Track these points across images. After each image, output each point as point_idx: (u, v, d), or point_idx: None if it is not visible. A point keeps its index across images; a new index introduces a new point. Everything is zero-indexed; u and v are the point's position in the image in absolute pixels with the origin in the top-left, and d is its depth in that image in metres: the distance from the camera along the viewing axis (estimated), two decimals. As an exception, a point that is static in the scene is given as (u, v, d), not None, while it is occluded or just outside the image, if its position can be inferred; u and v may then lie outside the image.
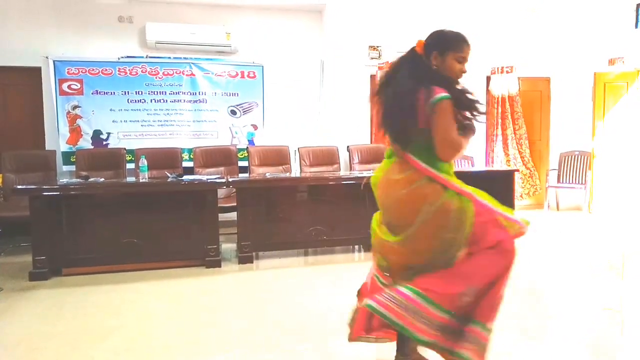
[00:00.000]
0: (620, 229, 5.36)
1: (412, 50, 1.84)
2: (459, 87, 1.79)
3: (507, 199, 4.68)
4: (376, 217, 1.96)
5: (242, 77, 5.81)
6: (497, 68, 6.33)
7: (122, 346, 2.43)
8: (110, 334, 2.57)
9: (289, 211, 4.18)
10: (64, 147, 5.34)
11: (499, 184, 4.68)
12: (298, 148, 5.55)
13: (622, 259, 4.22)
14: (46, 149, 5.34)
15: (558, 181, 6.48)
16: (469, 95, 1.77)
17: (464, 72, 1.80)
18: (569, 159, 6.46)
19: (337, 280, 3.62)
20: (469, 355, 1.66)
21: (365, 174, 4.55)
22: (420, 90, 1.69)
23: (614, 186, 6.24)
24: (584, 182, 6.27)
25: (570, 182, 6.38)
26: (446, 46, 1.77)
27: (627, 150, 6.20)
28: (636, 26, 6.03)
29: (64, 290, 3.40)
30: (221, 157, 5.38)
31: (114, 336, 2.55)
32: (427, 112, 1.68)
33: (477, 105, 1.78)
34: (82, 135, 5.40)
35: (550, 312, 2.95)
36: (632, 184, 6.17)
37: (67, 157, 5.32)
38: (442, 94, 1.67)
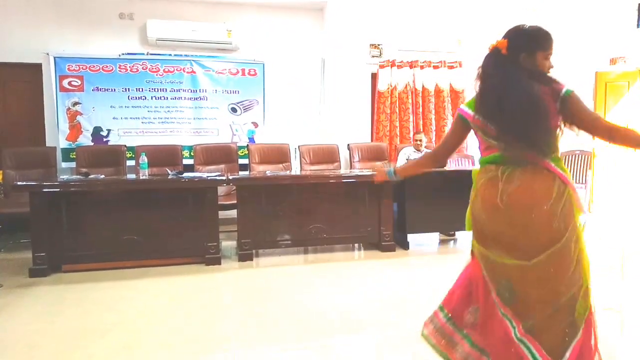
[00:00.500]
0: (620, 229, 5.36)
1: (498, 51, 1.69)
2: None
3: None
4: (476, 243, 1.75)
5: (243, 74, 5.80)
6: (499, 67, 6.30)
7: (121, 343, 2.43)
8: (110, 331, 2.57)
9: (289, 209, 4.17)
10: (64, 143, 5.34)
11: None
12: (298, 146, 5.55)
13: (621, 259, 4.22)
14: (46, 145, 5.33)
15: (558, 180, 6.47)
16: None
17: (552, 67, 1.73)
18: (570, 158, 6.44)
19: (337, 278, 3.62)
20: None
21: (365, 172, 4.55)
22: (545, 91, 1.60)
23: (614, 186, 6.24)
24: (584, 182, 6.26)
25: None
26: (534, 46, 1.67)
27: (628, 150, 6.19)
28: (638, 26, 6.01)
29: (63, 287, 3.41)
30: (221, 154, 5.38)
31: (113, 333, 2.55)
32: (559, 109, 1.61)
33: None
34: (82, 132, 5.39)
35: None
36: (632, 184, 6.16)
37: (67, 154, 5.32)
38: (566, 87, 1.62)
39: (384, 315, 2.81)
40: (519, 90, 1.59)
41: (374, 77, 6.01)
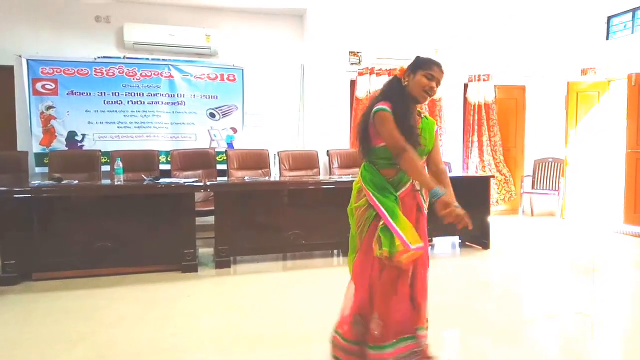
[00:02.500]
0: (591, 235, 5.50)
1: (395, 75, 2.05)
2: (411, 117, 1.95)
3: (483, 205, 4.76)
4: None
5: (222, 79, 5.77)
6: (474, 76, 6.44)
7: (93, 353, 2.37)
8: (81, 341, 2.51)
9: (268, 215, 4.16)
10: (37, 148, 5.21)
11: (475, 190, 4.75)
12: (278, 152, 5.54)
13: (592, 264, 4.33)
14: (18, 149, 5.20)
15: (532, 187, 6.62)
16: (410, 127, 1.91)
17: (433, 88, 1.96)
18: (543, 165, 6.61)
19: (316, 285, 3.61)
20: None
21: (344, 178, 4.57)
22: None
23: (586, 193, 6.41)
24: (557, 189, 6.42)
25: (544, 188, 6.53)
26: (417, 66, 1.98)
27: (599, 158, 6.37)
28: (607, 38, 6.22)
29: (33, 295, 3.31)
30: (199, 160, 5.33)
31: (84, 343, 2.49)
32: (372, 123, 1.93)
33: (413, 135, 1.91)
34: (56, 136, 5.28)
35: (524, 317, 3.00)
36: (602, 190, 6.35)
37: (40, 159, 5.19)
38: (381, 106, 1.91)
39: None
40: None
41: (352, 84, 6.06)
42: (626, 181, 5.80)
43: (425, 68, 1.95)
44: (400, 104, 1.93)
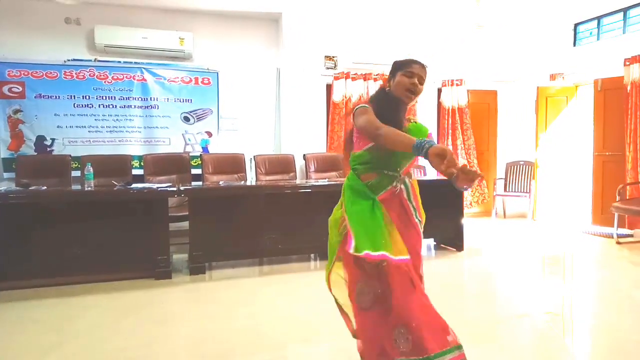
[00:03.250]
0: (561, 236, 5.65)
1: (381, 85, 2.04)
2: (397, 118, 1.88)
3: (456, 207, 4.83)
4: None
5: (196, 83, 5.71)
6: (448, 81, 6.55)
7: (63, 364, 2.31)
8: (50, 352, 2.43)
9: (244, 220, 4.12)
10: (4, 153, 5.06)
11: (449, 193, 4.80)
12: (254, 156, 5.51)
13: (562, 265, 4.45)
14: (-16, 155, 5.03)
15: (505, 190, 6.76)
16: (395, 123, 1.80)
17: (415, 85, 1.90)
18: (515, 168, 6.76)
19: (292, 289, 3.60)
20: None
21: (321, 182, 4.57)
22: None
23: (556, 195, 6.58)
24: (528, 191, 6.58)
25: (516, 190, 6.68)
26: (396, 68, 1.95)
27: (567, 161, 6.56)
28: (574, 44, 6.42)
29: (1, 305, 3.19)
30: (173, 164, 5.25)
31: (53, 354, 2.42)
32: (354, 124, 1.89)
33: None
34: (24, 140, 5.13)
35: (497, 317, 3.06)
36: (571, 192, 6.53)
37: (8, 164, 5.04)
38: (360, 105, 1.89)
39: (339, 325, 2.81)
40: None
41: (329, 88, 6.08)
42: (593, 183, 5.98)
43: (404, 67, 1.92)
44: (384, 105, 1.89)
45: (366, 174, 1.89)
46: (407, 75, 1.89)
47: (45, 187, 3.95)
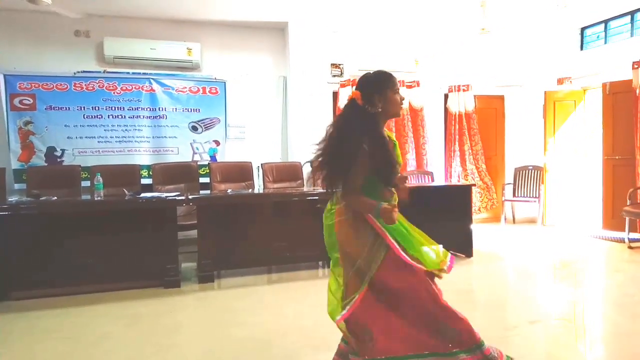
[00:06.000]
0: (572, 241, 5.59)
1: (353, 101, 1.89)
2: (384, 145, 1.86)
3: (465, 213, 4.80)
4: None
5: (204, 93, 5.76)
6: (454, 86, 6.54)
7: (74, 373, 2.32)
8: (61, 361, 2.45)
9: (252, 228, 4.13)
10: (15, 164, 5.12)
11: (458, 199, 4.80)
12: (261, 164, 5.52)
13: (574, 271, 4.40)
14: (-5, 166, 5.09)
15: (513, 195, 6.71)
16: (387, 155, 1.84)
17: (403, 99, 1.99)
18: (523, 173, 6.72)
19: (301, 297, 3.59)
20: None
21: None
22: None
23: (565, 199, 6.52)
24: (537, 196, 6.53)
25: (525, 195, 6.63)
26: (381, 86, 1.89)
27: (577, 165, 6.51)
28: (581, 48, 6.40)
29: (13, 315, 3.22)
30: (181, 173, 5.28)
31: (64, 363, 2.43)
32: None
33: (390, 170, 1.85)
34: (35, 152, 5.20)
35: (508, 324, 3.03)
36: (581, 197, 6.47)
37: (19, 175, 5.10)
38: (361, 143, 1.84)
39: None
40: (341, 133, 1.94)
41: (335, 95, 6.10)
42: (604, 187, 5.93)
43: (392, 85, 1.90)
44: (377, 136, 1.85)
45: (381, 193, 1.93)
46: (396, 91, 1.92)
47: (55, 198, 3.99)
